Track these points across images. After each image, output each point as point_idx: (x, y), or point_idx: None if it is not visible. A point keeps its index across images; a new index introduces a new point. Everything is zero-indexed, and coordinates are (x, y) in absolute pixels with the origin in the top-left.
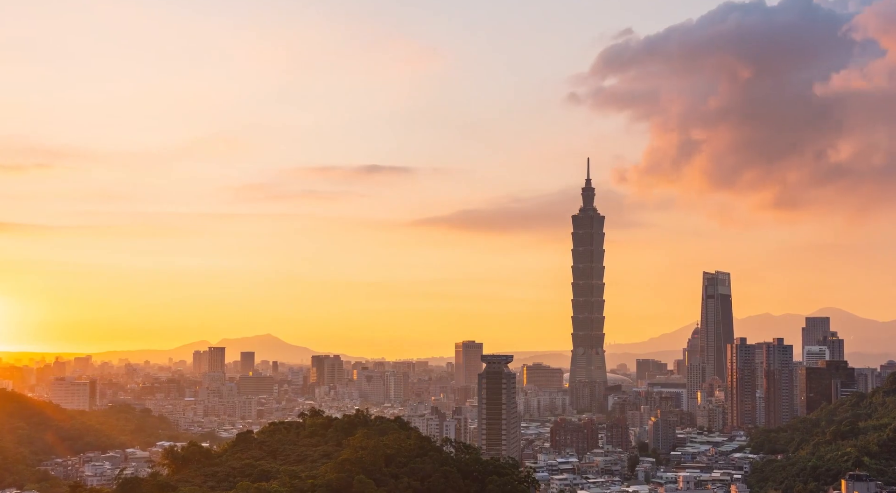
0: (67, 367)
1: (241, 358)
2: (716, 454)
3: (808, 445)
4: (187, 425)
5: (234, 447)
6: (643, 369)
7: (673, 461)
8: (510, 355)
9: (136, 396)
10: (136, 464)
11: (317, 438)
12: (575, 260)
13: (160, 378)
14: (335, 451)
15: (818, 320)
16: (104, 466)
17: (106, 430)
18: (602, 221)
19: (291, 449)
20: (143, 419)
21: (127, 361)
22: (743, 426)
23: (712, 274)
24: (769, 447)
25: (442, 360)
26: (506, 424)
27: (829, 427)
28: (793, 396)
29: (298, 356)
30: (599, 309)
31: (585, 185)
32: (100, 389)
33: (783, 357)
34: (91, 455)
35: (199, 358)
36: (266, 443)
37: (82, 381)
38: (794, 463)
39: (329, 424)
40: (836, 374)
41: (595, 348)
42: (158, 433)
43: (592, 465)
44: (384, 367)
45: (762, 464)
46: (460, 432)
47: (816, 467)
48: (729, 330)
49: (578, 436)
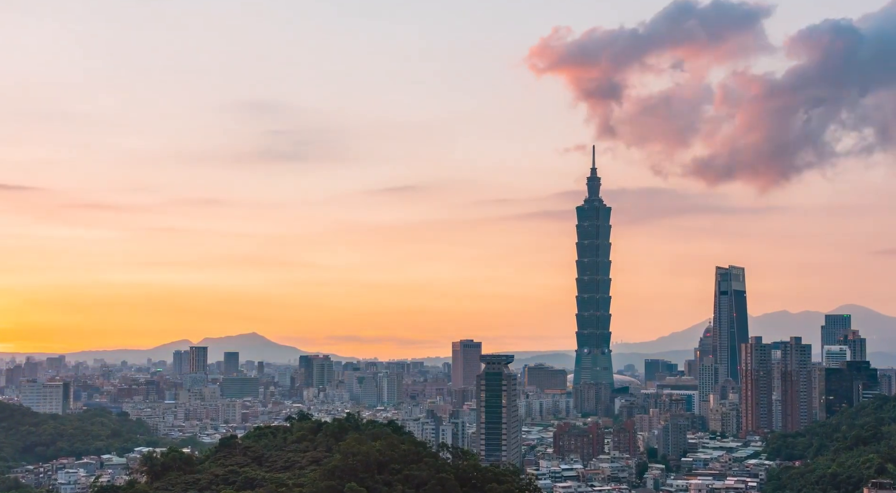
0: (39, 368)
1: (225, 358)
2: (729, 461)
3: (828, 451)
4: (167, 429)
5: (216, 454)
6: (652, 369)
7: (684, 467)
8: (510, 354)
9: (113, 398)
10: (113, 471)
11: (305, 443)
12: (580, 254)
13: (138, 380)
14: (324, 457)
15: (838, 317)
16: (78, 473)
17: (80, 435)
18: (608, 212)
19: (278, 456)
20: (119, 423)
21: (103, 361)
22: (758, 430)
23: (725, 269)
24: (786, 452)
25: (438, 360)
26: (506, 428)
27: (850, 432)
28: (811, 398)
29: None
30: (606, 306)
31: (591, 174)
32: (74, 391)
33: (801, 357)
34: (64, 462)
35: (180, 358)
36: (251, 449)
37: (55, 383)
38: (812, 470)
39: (318, 428)
40: (858, 375)
41: (601, 348)
42: (136, 438)
43: (598, 472)
44: (377, 368)
45: (779, 471)
46: (457, 437)
47: (836, 474)
48: (743, 328)
49: (583, 441)
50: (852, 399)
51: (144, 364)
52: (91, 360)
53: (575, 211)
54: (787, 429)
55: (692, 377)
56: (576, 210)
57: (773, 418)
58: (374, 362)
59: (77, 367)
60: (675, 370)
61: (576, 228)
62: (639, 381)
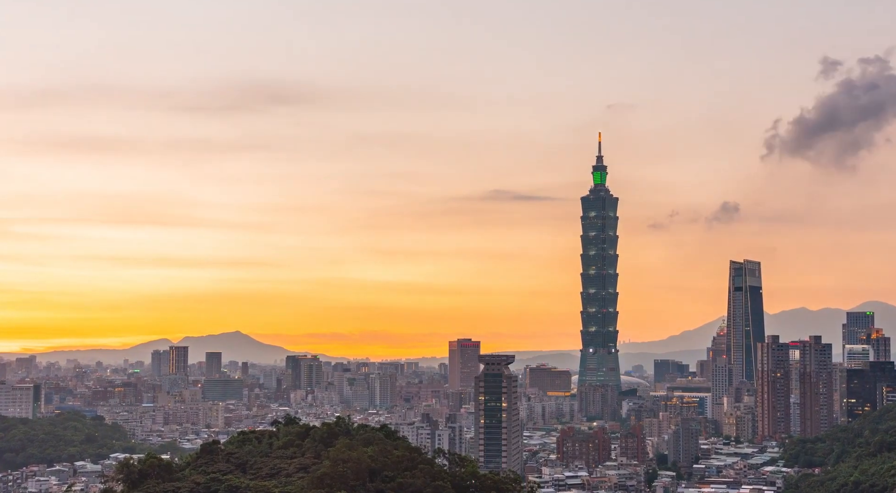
0: (8, 368)
1: (207, 358)
2: (744, 468)
3: (850, 457)
4: (145, 434)
5: (198, 460)
6: (662, 370)
7: (696, 475)
8: (511, 354)
9: (87, 401)
10: (87, 479)
11: (292, 449)
12: (585, 247)
13: (114, 381)
14: (313, 464)
15: (861, 315)
16: (50, 482)
17: (52, 440)
18: (615, 202)
19: (263, 462)
20: (94, 427)
21: (76, 361)
22: (775, 435)
23: (740, 263)
24: (805, 459)
25: (434, 361)
26: (506, 433)
27: (873, 437)
28: (832, 401)
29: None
30: (613, 303)
31: (597, 162)
32: (45, 393)
33: (821, 357)
34: (35, 469)
35: (159, 358)
36: (234, 455)
37: (25, 384)
38: (833, 478)
39: (306, 433)
40: (882, 376)
41: (607, 348)
42: (112, 443)
43: (604, 480)
44: (368, 369)
45: (797, 479)
46: (455, 442)
47: (859, 482)
48: (759, 327)
49: (588, 447)
50: (876, 402)
51: (121, 365)
52: (64, 360)
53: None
54: (805, 434)
55: (704, 379)
56: (580, 200)
57: (790, 422)
58: (365, 362)
59: (49, 368)
60: (687, 371)
61: (580, 219)
62: (647, 383)
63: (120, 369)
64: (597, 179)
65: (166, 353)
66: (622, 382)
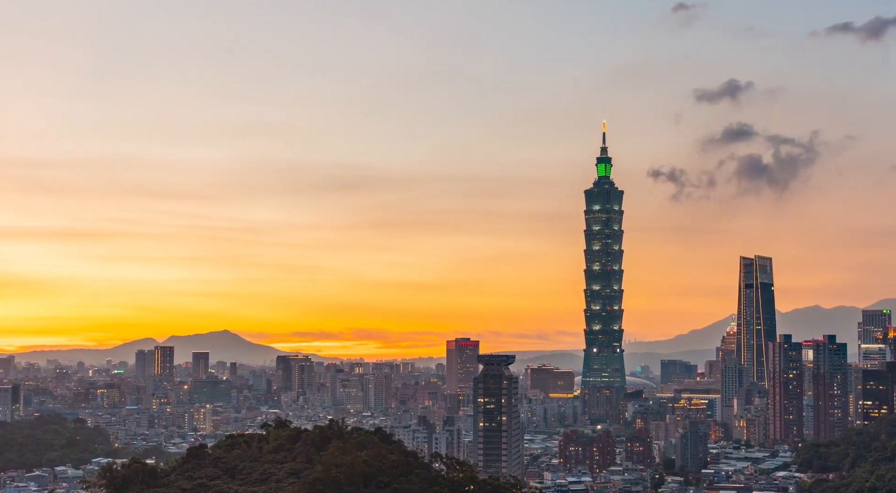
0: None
1: (193, 359)
2: (755, 473)
3: (866, 462)
4: (128, 438)
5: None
6: (669, 371)
7: (704, 480)
8: (511, 355)
9: (68, 404)
10: (68, 485)
11: (283, 453)
12: (588, 242)
13: (96, 383)
14: (304, 469)
15: (877, 313)
16: (29, 487)
17: (31, 444)
18: (620, 196)
19: (252, 467)
20: (75, 431)
21: (57, 362)
22: (787, 439)
23: (751, 259)
24: (818, 464)
25: (431, 361)
26: (506, 436)
27: (890, 441)
28: (847, 403)
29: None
30: (617, 301)
31: (601, 153)
32: (24, 395)
33: (835, 358)
34: (13, 475)
35: (143, 359)
36: (222, 460)
37: (3, 386)
38: (848, 484)
39: (297, 437)
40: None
41: (612, 347)
42: (94, 447)
43: (609, 485)
44: (362, 369)
45: (810, 485)
46: (452, 446)
47: (875, 488)
48: (771, 326)
49: (592, 451)
50: (893, 404)
51: (103, 365)
52: (44, 360)
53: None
54: (819, 438)
55: (713, 380)
56: (584, 194)
57: (803, 425)
58: (359, 362)
59: (28, 368)
60: (695, 372)
61: (584, 213)
62: (654, 384)
63: (102, 370)
64: (601, 171)
65: (151, 353)
66: (627, 383)
